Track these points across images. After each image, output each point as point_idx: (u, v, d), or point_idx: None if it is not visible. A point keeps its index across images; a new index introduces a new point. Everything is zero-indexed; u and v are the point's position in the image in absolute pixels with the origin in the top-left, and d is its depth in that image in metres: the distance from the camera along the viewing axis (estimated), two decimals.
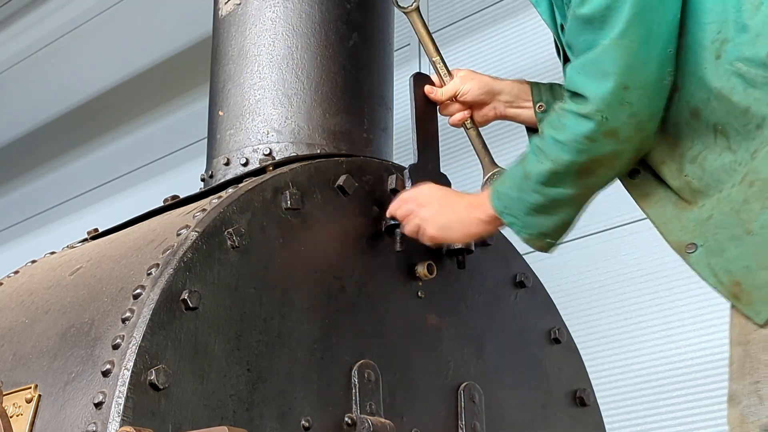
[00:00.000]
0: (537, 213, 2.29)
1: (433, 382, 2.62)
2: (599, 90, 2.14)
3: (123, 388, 2.08)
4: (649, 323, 4.21)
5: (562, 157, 2.20)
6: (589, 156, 2.19)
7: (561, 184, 2.24)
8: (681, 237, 2.20)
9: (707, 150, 2.17)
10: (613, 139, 2.17)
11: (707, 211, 2.17)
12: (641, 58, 2.13)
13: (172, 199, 2.73)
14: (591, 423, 2.93)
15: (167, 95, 6.20)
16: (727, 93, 2.13)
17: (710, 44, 2.15)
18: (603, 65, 2.14)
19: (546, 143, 2.23)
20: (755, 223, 2.10)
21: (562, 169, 2.22)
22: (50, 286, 2.53)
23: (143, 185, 6.19)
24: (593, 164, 2.21)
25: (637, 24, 2.12)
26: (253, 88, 2.83)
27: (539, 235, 2.32)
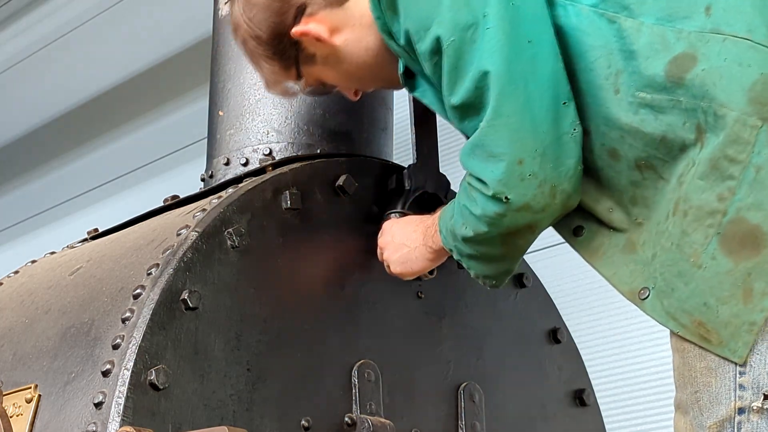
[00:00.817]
0: (476, 261, 2.26)
1: (433, 382, 2.62)
2: (493, 173, 2.06)
3: (123, 388, 2.08)
4: (649, 323, 4.20)
5: (480, 228, 2.15)
6: (505, 228, 2.13)
7: (488, 245, 2.20)
8: (632, 284, 2.10)
9: (640, 188, 2.06)
10: (526, 212, 2.09)
11: (650, 248, 2.06)
12: (526, 128, 2.02)
13: (172, 199, 2.73)
14: (591, 423, 2.93)
15: (167, 95, 6.19)
16: (638, 125, 2.01)
17: (605, 81, 2.04)
18: (488, 148, 2.06)
19: (464, 213, 2.19)
20: (703, 255, 1.96)
21: (482, 238, 2.18)
22: (50, 286, 2.53)
23: (143, 185, 6.19)
24: (513, 232, 2.15)
25: (508, 96, 2.02)
26: (253, 88, 2.83)
27: (484, 277, 2.30)
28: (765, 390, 1.94)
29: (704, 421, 1.98)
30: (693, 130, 1.98)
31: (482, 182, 2.10)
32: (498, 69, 2.02)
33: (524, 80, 2.02)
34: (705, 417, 1.98)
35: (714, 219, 1.95)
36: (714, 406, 1.97)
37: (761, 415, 1.94)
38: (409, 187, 2.65)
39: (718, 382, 1.97)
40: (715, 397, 1.97)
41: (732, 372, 1.96)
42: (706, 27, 1.98)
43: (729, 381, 1.96)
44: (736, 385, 1.96)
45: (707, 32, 1.98)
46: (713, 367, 1.98)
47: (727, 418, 1.96)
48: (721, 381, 1.97)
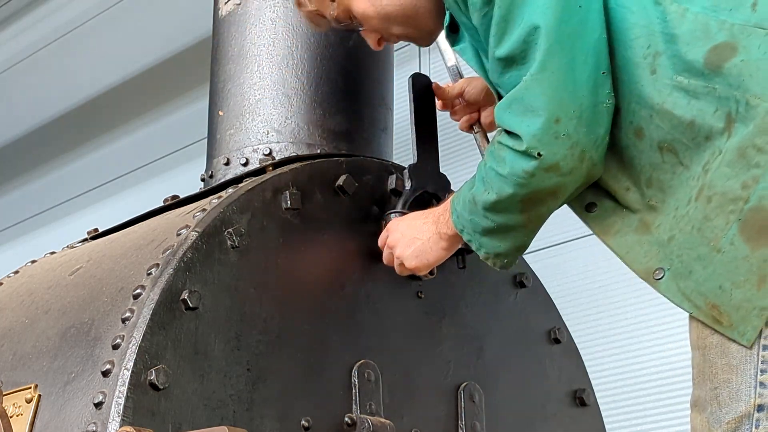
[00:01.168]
0: (490, 235, 2.26)
1: (433, 382, 2.62)
2: (530, 128, 2.09)
3: (123, 388, 2.08)
4: (649, 323, 4.21)
5: (505, 190, 2.17)
6: (531, 189, 2.15)
7: (507, 213, 2.21)
8: (647, 264, 2.14)
9: (657, 171, 2.10)
10: (554, 173, 2.12)
11: (666, 231, 2.10)
12: (568, 88, 2.07)
13: (172, 199, 2.73)
14: (591, 423, 2.93)
15: (167, 95, 6.19)
16: (670, 108, 2.06)
17: (642, 60, 2.09)
18: (528, 102, 2.09)
19: (489, 175, 2.20)
20: (722, 240, 2.01)
21: (505, 201, 2.19)
22: (50, 286, 2.53)
23: (143, 185, 6.19)
24: (537, 196, 2.17)
25: (556, 54, 2.06)
26: (253, 88, 2.83)
27: (495, 255, 2.30)
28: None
29: (723, 416, 2.00)
30: (723, 118, 2.03)
31: (516, 137, 2.12)
32: (549, 25, 2.06)
33: (572, 41, 2.07)
34: (724, 413, 2.01)
35: (736, 206, 2.00)
36: (733, 402, 2.00)
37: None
38: (409, 187, 2.65)
39: (739, 379, 2.00)
40: (735, 394, 2.00)
41: (753, 370, 1.99)
42: (751, 21, 2.03)
43: (750, 378, 1.99)
44: (757, 383, 1.99)
45: (751, 26, 2.03)
46: (734, 364, 2.01)
47: (746, 414, 1.99)
48: (742, 378, 2.00)
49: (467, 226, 2.30)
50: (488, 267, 2.81)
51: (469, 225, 2.29)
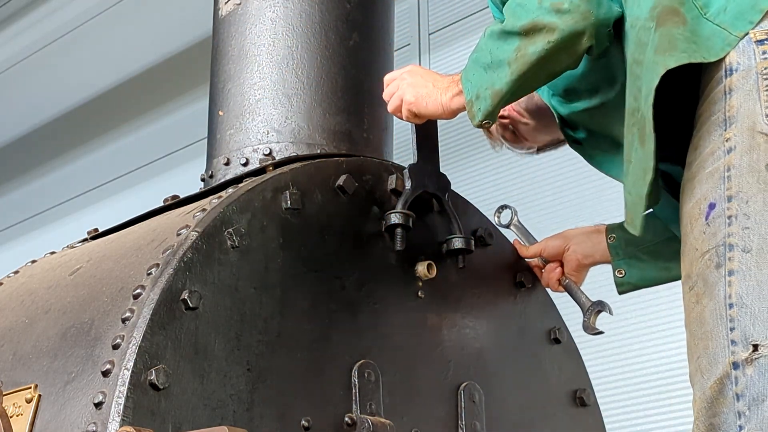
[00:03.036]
0: (483, 70, 2.36)
1: (433, 382, 2.62)
2: None
3: (123, 388, 2.08)
4: (649, 323, 4.21)
5: (515, 16, 2.30)
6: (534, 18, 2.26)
7: (505, 43, 2.31)
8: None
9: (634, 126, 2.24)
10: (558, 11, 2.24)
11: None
12: None
13: (172, 199, 2.73)
14: (591, 423, 2.93)
15: (167, 95, 6.20)
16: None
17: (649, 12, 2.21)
18: None
19: (508, 6, 2.34)
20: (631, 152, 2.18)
21: (509, 28, 2.30)
22: (50, 286, 2.53)
23: (143, 185, 6.19)
24: (533, 30, 2.27)
25: None
26: (253, 88, 2.83)
27: (475, 96, 2.38)
28: (752, 341, 1.99)
29: (705, 383, 2.03)
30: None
31: None
32: None
33: None
34: (706, 379, 2.03)
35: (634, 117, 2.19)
36: (712, 367, 2.03)
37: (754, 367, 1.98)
38: (409, 187, 2.65)
39: (714, 343, 2.03)
40: (713, 358, 2.03)
41: (724, 330, 2.02)
42: None
43: (722, 339, 2.02)
44: (728, 342, 2.01)
45: None
46: (709, 330, 2.04)
47: (724, 375, 2.01)
48: (716, 341, 2.02)
49: (468, 67, 2.41)
50: (488, 267, 2.82)
51: (470, 65, 2.41)
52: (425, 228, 2.70)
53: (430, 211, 2.72)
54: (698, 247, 2.09)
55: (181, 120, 6.09)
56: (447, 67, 5.12)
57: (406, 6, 5.42)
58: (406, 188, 2.65)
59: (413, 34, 5.42)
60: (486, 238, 2.80)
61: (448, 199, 2.74)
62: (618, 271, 2.80)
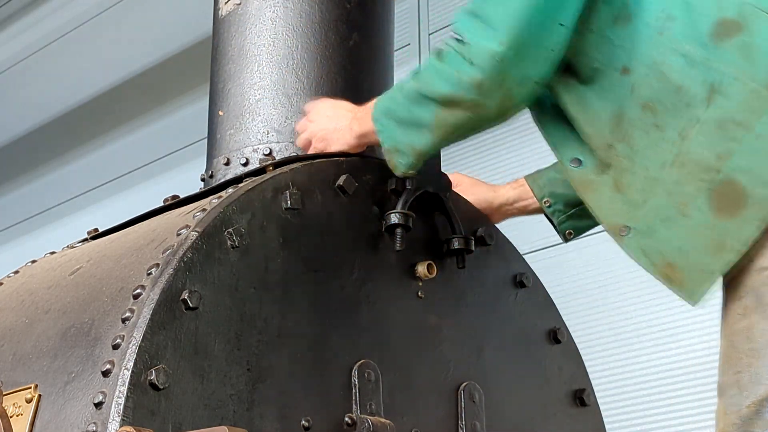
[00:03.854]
0: (399, 126, 2.37)
1: (433, 382, 2.62)
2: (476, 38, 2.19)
3: (123, 388, 2.08)
4: (649, 323, 4.21)
5: (432, 82, 2.27)
6: (452, 91, 2.24)
7: (424, 106, 2.30)
8: (614, 220, 2.22)
9: (632, 127, 2.18)
10: (478, 89, 2.21)
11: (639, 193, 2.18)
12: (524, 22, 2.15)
13: (172, 199, 2.73)
14: (591, 423, 2.93)
15: (167, 95, 6.20)
16: (665, 70, 2.14)
17: (654, 21, 2.17)
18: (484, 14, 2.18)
19: (426, 67, 2.32)
20: (691, 205, 2.11)
21: (427, 93, 2.29)
22: (50, 286, 2.53)
23: (143, 185, 6.20)
24: (454, 102, 2.25)
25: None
26: (253, 88, 2.83)
27: (394, 149, 2.40)
28: None
29: (743, 401, 2.05)
30: (707, 88, 2.10)
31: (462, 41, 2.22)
32: None
33: None
34: (744, 396, 2.05)
35: (708, 175, 2.09)
36: (755, 386, 2.04)
37: None
38: (410, 187, 2.65)
39: (760, 363, 2.04)
40: (757, 377, 2.05)
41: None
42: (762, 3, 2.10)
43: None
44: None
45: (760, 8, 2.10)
46: (758, 349, 2.05)
47: (765, 398, 2.03)
48: (763, 362, 2.04)
49: (382, 114, 2.41)
50: (488, 267, 2.82)
51: (384, 112, 2.40)
52: (425, 228, 2.70)
53: (431, 210, 2.72)
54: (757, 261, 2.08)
55: (181, 120, 6.09)
56: None
57: (406, 6, 5.42)
58: (406, 188, 2.65)
59: (413, 34, 5.43)
60: (486, 238, 2.80)
61: (448, 199, 2.74)
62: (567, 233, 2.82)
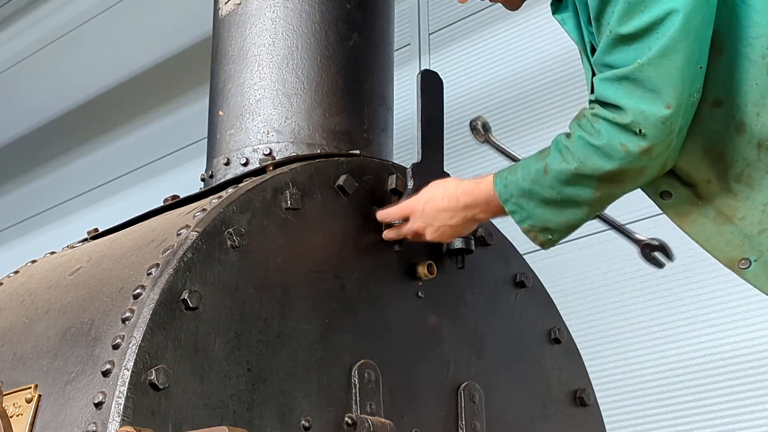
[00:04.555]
0: (547, 206, 2.26)
1: (433, 382, 2.62)
2: (640, 105, 2.10)
3: (123, 388, 2.08)
4: (649, 323, 4.21)
5: (593, 161, 2.17)
6: (620, 165, 2.15)
7: (581, 186, 2.21)
8: (729, 253, 2.19)
9: (750, 168, 2.15)
10: (647, 155, 2.13)
11: (755, 224, 2.15)
12: (685, 77, 2.09)
13: (172, 199, 2.73)
14: (591, 423, 2.93)
15: (167, 95, 6.20)
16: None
17: (760, 59, 2.12)
18: (645, 82, 2.10)
19: (575, 145, 2.19)
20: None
21: (587, 173, 2.19)
22: (50, 286, 2.53)
23: (143, 185, 6.19)
24: (620, 174, 2.17)
25: (682, 41, 2.08)
26: (253, 88, 2.83)
27: (543, 229, 2.29)
28: None
29: None
30: None
31: (619, 109, 2.12)
32: (686, 12, 2.07)
33: (696, 32, 2.09)
34: None
35: None
36: None
37: None
38: (411, 186, 2.65)
39: None
40: None
41: None
42: None
43: None
44: None
45: None
46: None
47: None
48: None
49: (520, 196, 2.29)
50: (488, 267, 2.81)
51: (523, 195, 2.29)
52: None
53: None
54: None
55: (181, 120, 6.09)
56: (447, 67, 5.12)
57: (406, 6, 5.42)
58: (408, 187, 2.65)
59: (413, 34, 5.43)
60: (486, 238, 2.80)
61: None
62: None
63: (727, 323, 4.04)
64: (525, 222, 2.30)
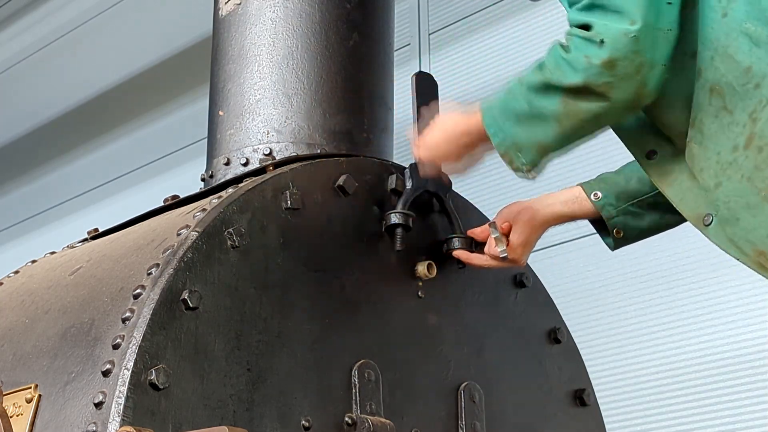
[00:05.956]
0: (518, 122, 2.26)
1: (433, 382, 2.62)
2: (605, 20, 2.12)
3: (123, 388, 2.08)
4: (649, 323, 4.21)
5: (560, 71, 2.18)
6: (583, 78, 2.15)
7: (548, 96, 2.21)
8: (696, 209, 2.17)
9: (701, 112, 2.14)
10: (610, 69, 2.12)
11: (711, 177, 2.13)
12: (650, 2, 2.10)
13: (172, 199, 2.73)
14: (591, 423, 2.93)
15: (167, 95, 6.20)
16: (732, 52, 2.10)
17: (717, 3, 2.13)
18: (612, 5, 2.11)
19: (549, 58, 2.22)
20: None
21: (553, 82, 2.19)
22: (50, 286, 2.53)
23: (143, 185, 6.19)
24: (584, 89, 2.16)
25: None
26: (253, 88, 2.83)
27: (513, 146, 2.27)
28: None
29: None
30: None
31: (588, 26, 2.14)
32: None
33: None
34: None
35: None
36: None
37: None
38: (410, 186, 2.65)
39: None
40: None
41: None
42: None
43: None
44: None
45: None
46: None
47: None
48: None
49: (496, 112, 2.30)
50: None
51: (499, 111, 2.30)
52: (425, 228, 2.70)
53: (431, 210, 2.72)
54: None
55: (181, 120, 6.09)
56: (447, 67, 5.12)
57: (406, 6, 5.42)
58: (406, 187, 2.66)
59: (413, 34, 5.42)
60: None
61: (448, 199, 2.74)
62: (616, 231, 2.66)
63: (727, 323, 4.04)
64: (501, 144, 2.29)
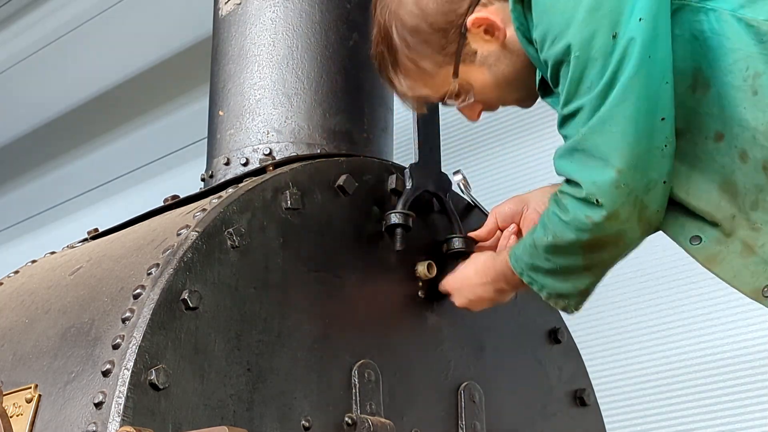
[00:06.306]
0: (552, 276, 2.27)
1: (433, 382, 2.62)
2: (590, 176, 2.10)
3: (123, 388, 2.08)
4: (649, 323, 4.21)
5: (566, 234, 2.18)
6: (593, 235, 2.15)
7: (568, 255, 2.21)
8: (754, 284, 2.16)
9: (763, 193, 2.12)
10: (614, 221, 2.12)
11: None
12: (628, 139, 2.06)
13: (172, 199, 2.74)
14: (591, 423, 2.93)
15: (167, 95, 6.19)
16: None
17: (743, 83, 2.09)
18: (589, 151, 2.09)
19: (550, 219, 2.21)
20: None
21: (564, 245, 2.19)
22: (50, 286, 2.53)
23: (143, 185, 6.19)
24: (599, 242, 2.17)
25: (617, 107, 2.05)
26: (253, 88, 2.83)
27: (558, 296, 2.29)
28: None
29: None
30: None
31: (575, 185, 2.13)
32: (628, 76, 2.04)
33: (635, 94, 2.05)
34: None
35: None
36: None
37: None
38: (410, 186, 2.65)
39: None
40: None
41: None
42: None
43: None
44: None
45: None
46: None
47: None
48: None
49: (526, 270, 2.31)
50: None
51: (528, 268, 2.30)
52: (425, 228, 2.70)
53: (431, 210, 2.72)
54: None
55: (181, 120, 6.09)
56: None
57: None
58: (406, 188, 2.66)
59: None
60: None
61: (448, 199, 2.74)
62: None
63: (727, 323, 4.03)
64: (542, 291, 2.31)
